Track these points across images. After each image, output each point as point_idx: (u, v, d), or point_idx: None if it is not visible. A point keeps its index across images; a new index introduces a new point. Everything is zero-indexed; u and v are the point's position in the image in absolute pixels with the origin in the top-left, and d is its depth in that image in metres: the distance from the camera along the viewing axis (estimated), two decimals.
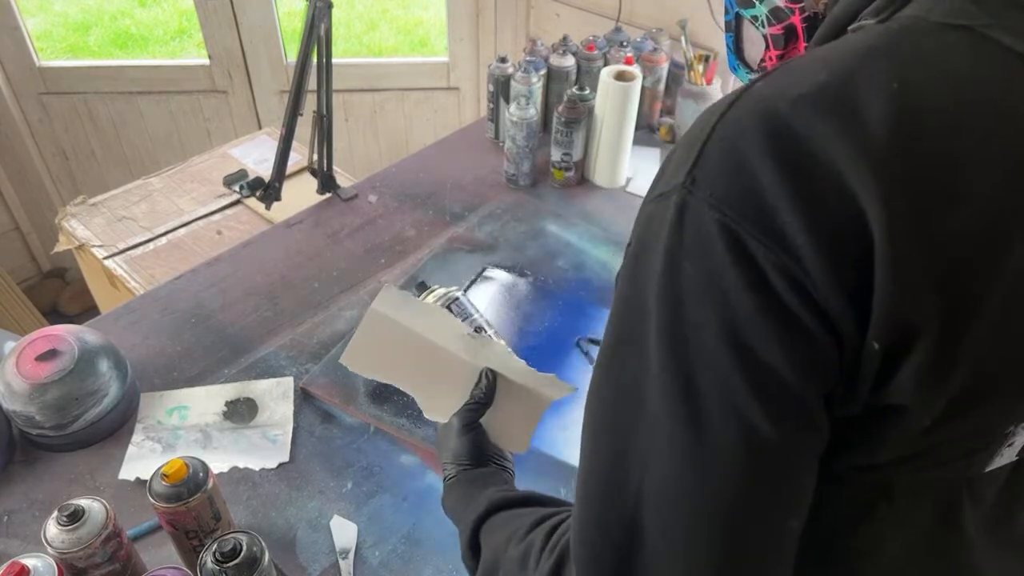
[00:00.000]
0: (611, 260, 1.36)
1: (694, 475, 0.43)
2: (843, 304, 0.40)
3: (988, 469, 0.52)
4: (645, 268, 0.44)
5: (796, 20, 0.57)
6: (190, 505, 0.80)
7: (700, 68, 1.60)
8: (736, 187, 0.41)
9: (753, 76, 0.68)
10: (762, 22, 0.59)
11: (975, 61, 0.42)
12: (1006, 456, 0.52)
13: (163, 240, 1.64)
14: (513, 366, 0.78)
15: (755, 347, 0.41)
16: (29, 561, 0.75)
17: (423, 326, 0.80)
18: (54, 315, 2.50)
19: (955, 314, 0.41)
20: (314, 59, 1.36)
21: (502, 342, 0.82)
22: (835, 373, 0.42)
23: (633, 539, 0.45)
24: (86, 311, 2.41)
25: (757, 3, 0.59)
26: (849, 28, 0.50)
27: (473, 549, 0.65)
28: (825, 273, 0.39)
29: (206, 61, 2.31)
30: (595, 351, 1.02)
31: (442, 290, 1.14)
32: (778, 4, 0.58)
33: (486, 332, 1.09)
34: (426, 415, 0.81)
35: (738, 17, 0.62)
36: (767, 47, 0.61)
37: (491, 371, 0.78)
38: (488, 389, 0.77)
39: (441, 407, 0.78)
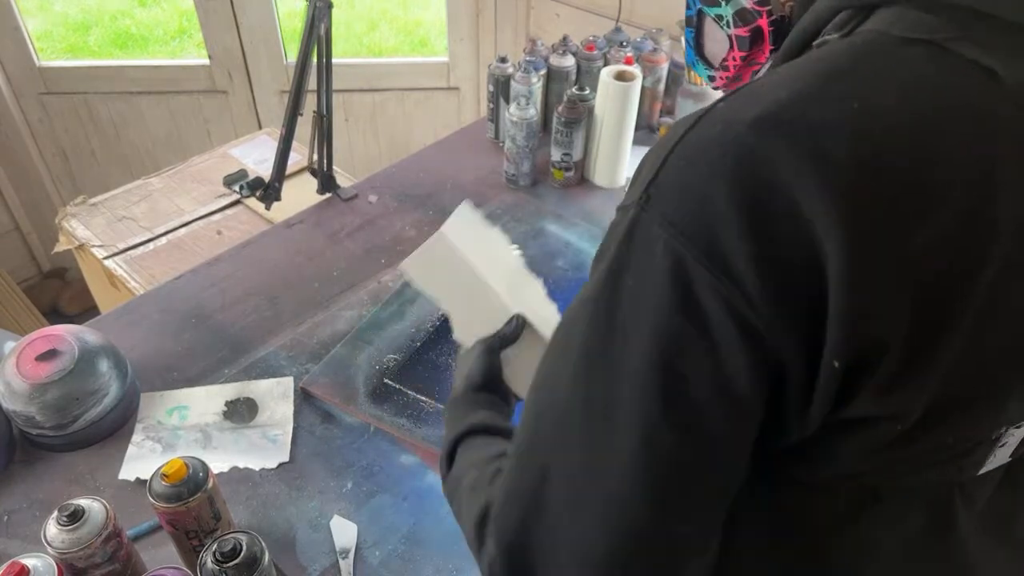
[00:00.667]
0: None
1: (593, 474, 0.45)
2: (788, 330, 0.40)
3: (981, 472, 0.52)
4: (594, 273, 0.46)
5: (763, 23, 0.57)
6: (190, 505, 0.80)
7: None
8: (687, 208, 0.41)
9: (712, 73, 0.68)
10: (727, 22, 0.59)
11: (937, 75, 0.42)
12: (999, 458, 0.52)
13: (163, 240, 1.64)
14: (545, 315, 0.84)
15: (675, 368, 0.42)
16: (29, 561, 0.75)
17: (481, 255, 0.86)
18: (54, 315, 2.50)
19: (926, 327, 0.41)
20: (314, 59, 1.36)
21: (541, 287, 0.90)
22: (772, 393, 0.43)
23: (538, 510, 0.47)
24: (86, 311, 2.41)
25: (723, 3, 0.59)
26: (814, 43, 0.50)
27: (449, 460, 0.66)
28: (768, 301, 0.40)
29: (206, 61, 2.31)
30: None
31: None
32: (745, 6, 0.58)
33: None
34: (455, 336, 0.86)
35: (700, 13, 0.62)
36: (731, 47, 0.60)
37: (523, 317, 0.81)
38: (514, 330, 0.80)
39: (471, 335, 0.82)
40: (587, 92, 1.48)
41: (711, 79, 0.69)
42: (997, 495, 0.57)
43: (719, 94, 0.81)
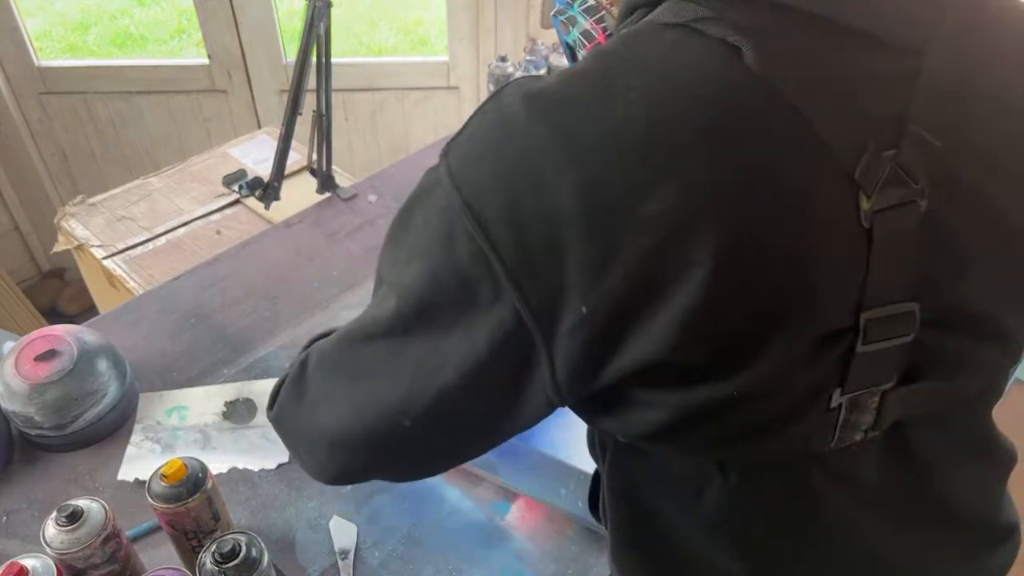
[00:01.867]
0: None
1: (347, 371, 0.56)
2: (531, 280, 0.46)
3: (838, 445, 0.54)
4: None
5: (601, 39, 0.61)
6: (189, 506, 0.80)
7: None
8: (462, 159, 0.49)
9: None
10: (579, 45, 0.63)
11: (682, 54, 0.46)
12: (851, 431, 0.53)
13: (162, 240, 1.64)
14: None
15: (436, 288, 0.49)
16: (28, 562, 0.74)
17: None
18: (53, 315, 2.50)
19: (644, 288, 0.46)
20: (313, 58, 1.36)
21: None
22: (524, 341, 0.48)
23: (305, 391, 0.60)
24: (85, 311, 2.41)
25: (571, 29, 0.63)
26: None
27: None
28: (513, 253, 0.45)
29: (205, 61, 2.30)
30: None
31: None
32: (585, 27, 0.62)
33: None
34: None
35: (568, 45, 0.66)
36: None
37: None
38: None
39: None
40: None
41: None
42: (885, 470, 0.58)
43: None
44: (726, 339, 0.47)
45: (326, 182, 1.50)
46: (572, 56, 0.67)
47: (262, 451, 1.03)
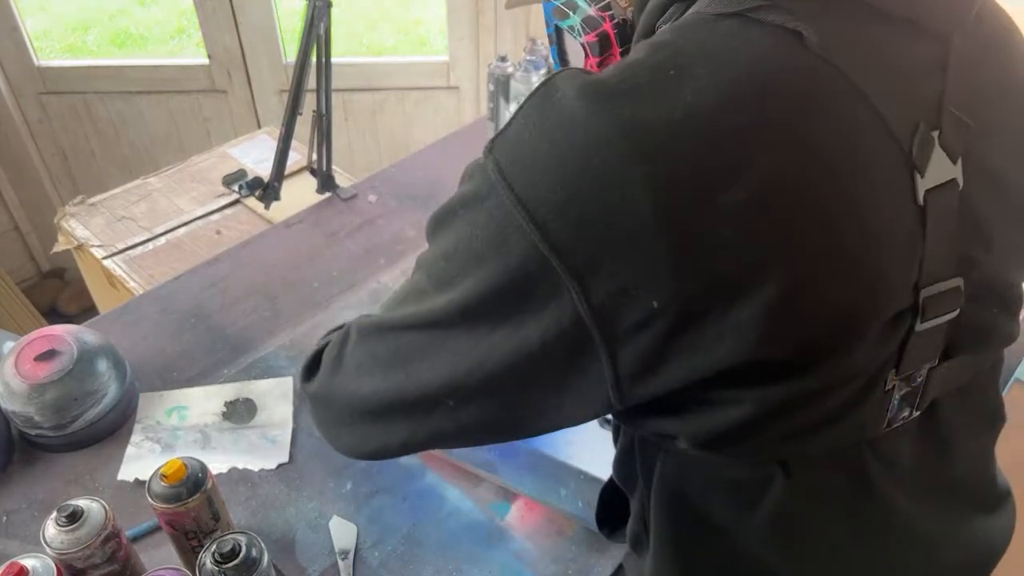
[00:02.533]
0: None
1: (385, 357, 0.56)
2: (593, 277, 0.44)
3: (886, 428, 0.54)
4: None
5: (608, 27, 0.61)
6: (189, 506, 0.79)
7: None
8: (512, 154, 0.47)
9: None
10: (578, 31, 0.62)
11: (743, 42, 0.46)
12: (900, 411, 0.54)
13: (162, 240, 1.64)
14: None
15: (476, 301, 0.48)
16: (28, 562, 0.74)
17: None
18: (53, 315, 2.50)
19: (727, 284, 0.44)
20: (313, 58, 1.36)
21: None
22: (573, 332, 0.46)
23: (344, 367, 0.60)
24: (85, 311, 2.41)
25: (571, 14, 0.62)
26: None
27: None
28: (574, 251, 0.44)
29: (205, 61, 2.30)
30: None
31: None
32: (590, 13, 0.62)
33: None
34: None
35: (558, 29, 0.66)
36: (587, 55, 0.64)
37: None
38: None
39: None
40: None
41: None
42: (919, 449, 0.59)
43: None
44: (809, 332, 0.46)
45: (326, 182, 1.50)
46: (559, 41, 0.66)
47: (262, 451, 1.03)
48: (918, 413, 0.56)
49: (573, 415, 0.51)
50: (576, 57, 0.65)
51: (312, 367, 0.65)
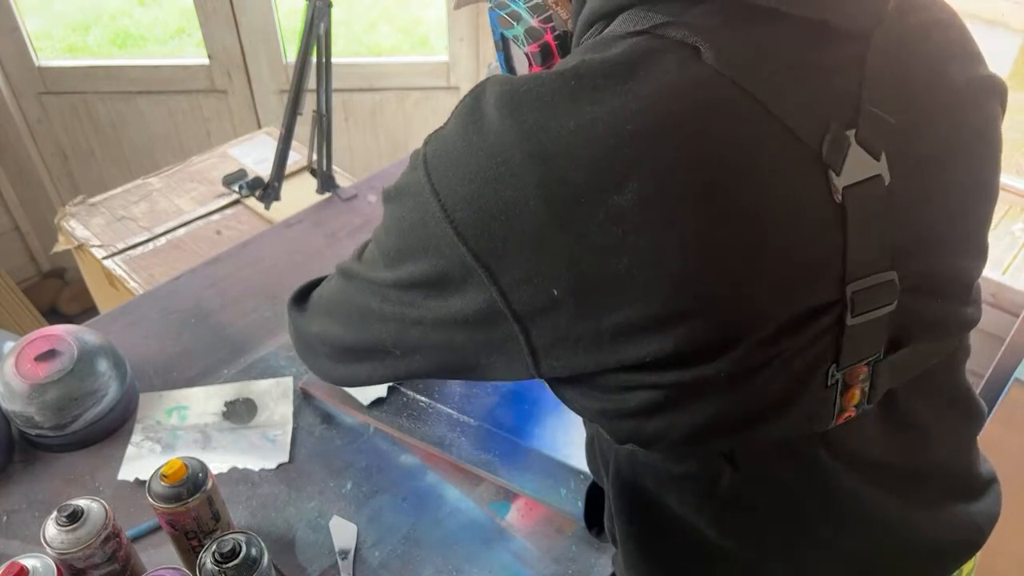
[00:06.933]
0: None
1: (341, 298, 0.65)
2: (498, 263, 0.49)
3: (840, 421, 0.56)
4: None
5: (549, 38, 0.64)
6: (189, 506, 0.79)
7: None
8: (437, 149, 0.52)
9: None
10: (522, 41, 0.65)
11: (641, 57, 0.48)
12: (849, 405, 0.55)
13: (162, 240, 1.64)
14: None
15: (406, 274, 0.55)
16: (28, 561, 0.74)
17: None
18: (53, 315, 2.50)
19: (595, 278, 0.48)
20: (313, 58, 1.36)
21: None
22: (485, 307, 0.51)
23: (319, 303, 0.71)
24: (85, 311, 2.41)
25: (515, 24, 0.65)
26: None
27: None
28: (479, 239, 0.49)
29: (205, 61, 2.30)
30: None
31: None
32: (533, 24, 0.64)
33: None
34: None
35: (504, 37, 0.68)
36: (530, 64, 0.66)
37: None
38: None
39: None
40: None
41: None
42: (882, 438, 0.60)
43: None
44: (706, 320, 0.48)
45: (326, 182, 1.50)
46: (506, 48, 0.69)
47: (262, 451, 1.03)
48: (870, 405, 0.57)
49: (507, 373, 0.56)
50: (521, 64, 0.67)
51: (300, 299, 0.75)
